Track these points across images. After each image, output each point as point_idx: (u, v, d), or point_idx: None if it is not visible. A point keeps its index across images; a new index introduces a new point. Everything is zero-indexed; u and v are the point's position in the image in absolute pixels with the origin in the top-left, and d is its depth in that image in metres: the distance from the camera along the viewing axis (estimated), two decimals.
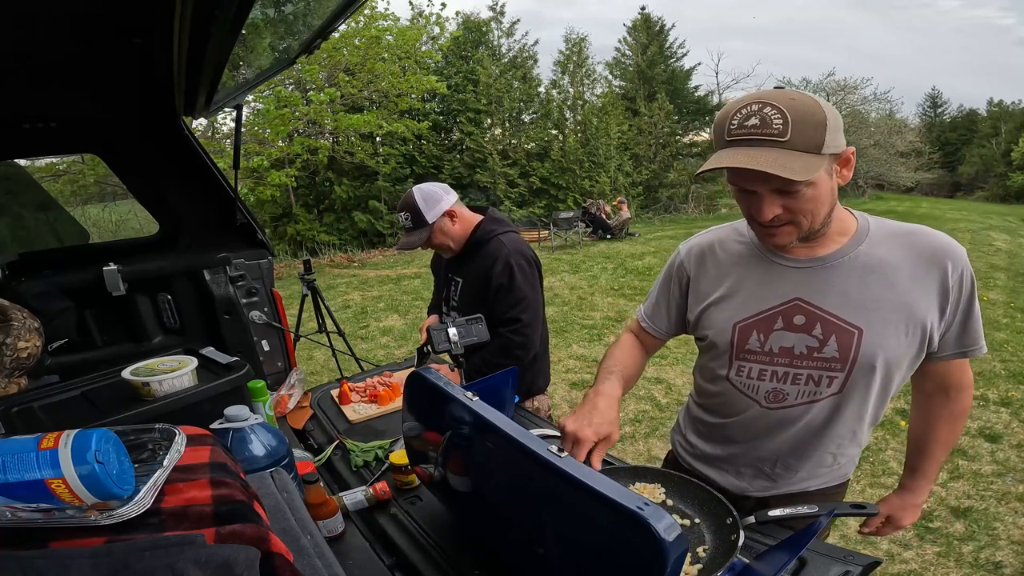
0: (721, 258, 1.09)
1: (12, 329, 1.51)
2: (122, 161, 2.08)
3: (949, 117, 34.48)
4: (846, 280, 0.96)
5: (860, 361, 0.96)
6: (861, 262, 0.96)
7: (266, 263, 2.22)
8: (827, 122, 0.83)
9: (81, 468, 0.54)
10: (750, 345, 1.03)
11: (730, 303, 1.06)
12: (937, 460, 1.11)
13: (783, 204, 0.88)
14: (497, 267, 1.69)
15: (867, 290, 0.95)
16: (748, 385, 1.06)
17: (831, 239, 0.98)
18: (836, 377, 0.98)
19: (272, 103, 9.82)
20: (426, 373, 0.97)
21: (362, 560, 1.02)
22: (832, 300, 0.97)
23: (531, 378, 1.93)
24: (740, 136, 0.85)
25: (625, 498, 0.61)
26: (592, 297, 6.67)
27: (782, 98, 0.83)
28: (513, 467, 0.79)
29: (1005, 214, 16.25)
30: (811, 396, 1.01)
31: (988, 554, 2.24)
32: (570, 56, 16.22)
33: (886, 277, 0.94)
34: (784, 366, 1.01)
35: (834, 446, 1.06)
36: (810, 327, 0.98)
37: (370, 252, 11.81)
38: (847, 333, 0.96)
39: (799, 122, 0.82)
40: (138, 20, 1.03)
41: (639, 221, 14.18)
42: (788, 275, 1.00)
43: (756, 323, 1.03)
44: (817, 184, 0.86)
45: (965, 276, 0.94)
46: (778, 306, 1.00)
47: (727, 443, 1.15)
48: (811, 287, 0.98)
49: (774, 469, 1.10)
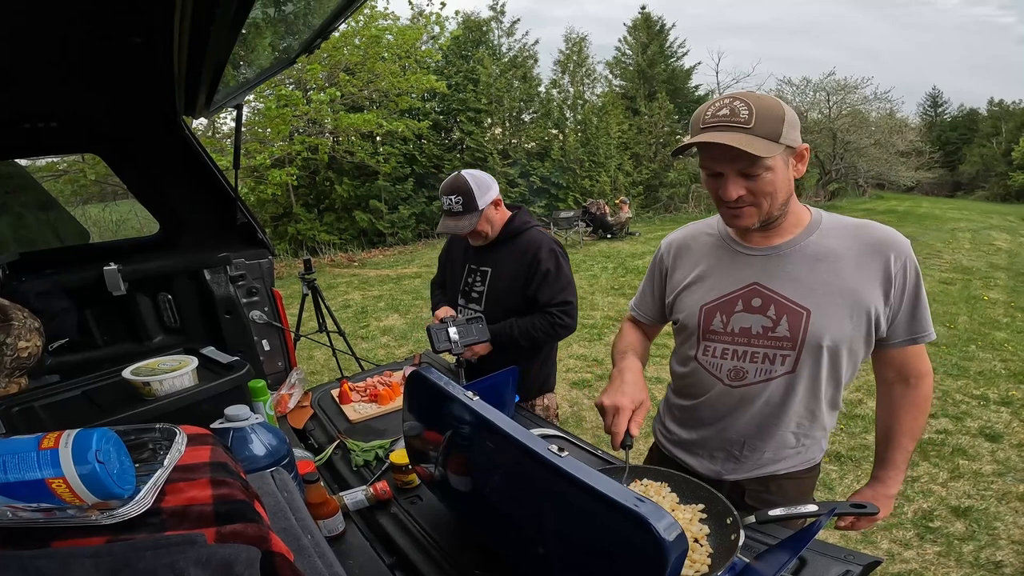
0: (693, 249, 1.23)
1: (12, 329, 1.51)
2: (122, 161, 2.08)
3: (949, 116, 34.47)
4: (797, 266, 1.07)
5: (808, 341, 1.06)
6: (812, 251, 1.07)
7: (266, 263, 2.22)
8: (785, 117, 0.97)
9: (82, 468, 0.54)
10: (714, 326, 1.15)
11: (699, 288, 1.18)
12: (905, 449, 1.17)
13: (746, 186, 1.00)
14: (543, 253, 1.78)
15: (816, 276, 1.06)
16: (713, 364, 1.17)
17: (787, 229, 1.10)
18: (788, 355, 1.08)
19: (273, 102, 9.80)
20: (426, 373, 0.97)
21: (362, 560, 1.02)
22: (784, 284, 1.08)
23: (544, 375, 1.97)
24: (712, 124, 0.98)
25: (625, 498, 0.61)
26: (592, 296, 6.67)
27: (749, 96, 0.98)
28: (513, 467, 0.79)
29: (1006, 213, 16.24)
30: (767, 374, 1.11)
31: (988, 554, 2.25)
32: (570, 56, 16.21)
33: (833, 265, 1.05)
34: (743, 345, 1.12)
35: (794, 425, 1.14)
36: (765, 308, 1.09)
37: (370, 252, 11.81)
38: (796, 314, 1.06)
39: (762, 115, 0.95)
40: (138, 20, 1.03)
41: (639, 220, 14.18)
42: (749, 262, 1.12)
43: (720, 305, 1.14)
44: (775, 171, 0.99)
45: (908, 266, 1.04)
46: (739, 290, 1.12)
47: (699, 426, 1.24)
48: (767, 272, 1.10)
49: (742, 451, 1.19)
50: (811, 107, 19.91)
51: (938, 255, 8.77)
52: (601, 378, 4.20)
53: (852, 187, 21.35)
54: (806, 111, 19.92)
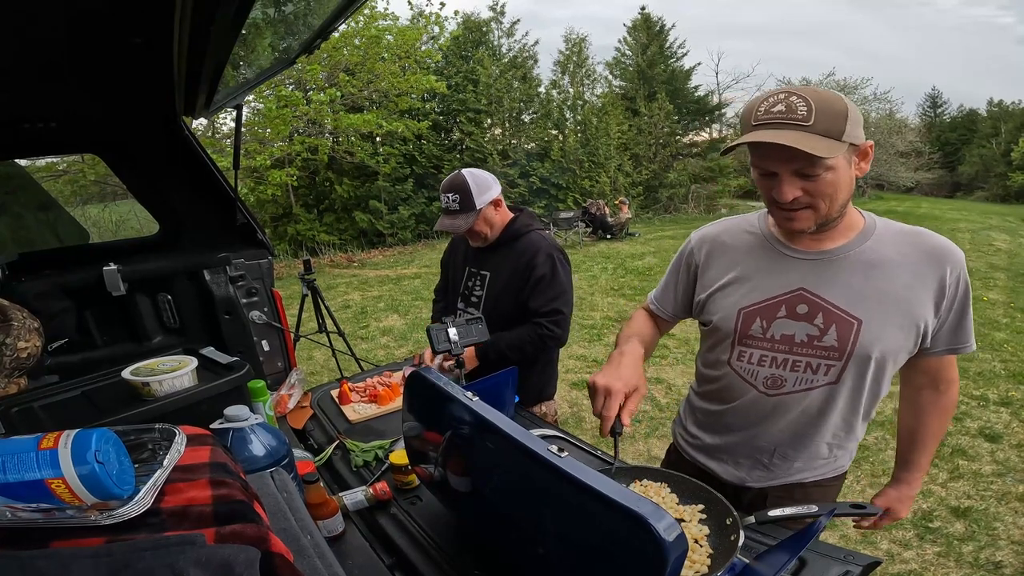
0: (730, 247, 1.15)
1: (12, 329, 1.51)
2: (122, 161, 2.08)
3: (949, 117, 34.48)
4: (850, 273, 1.01)
5: (857, 351, 1.00)
6: (866, 257, 1.01)
7: (266, 263, 2.22)
8: (848, 113, 0.88)
9: (81, 468, 0.54)
10: (752, 331, 1.08)
11: (736, 290, 1.11)
12: (929, 451, 1.16)
13: (803, 187, 0.93)
14: (539, 258, 1.73)
15: (869, 284, 0.99)
16: (748, 370, 1.11)
17: (840, 233, 1.03)
18: (833, 366, 1.03)
19: (273, 103, 9.80)
20: (426, 373, 0.97)
21: (362, 560, 1.02)
22: (835, 292, 1.01)
23: (543, 383, 1.94)
24: (766, 120, 0.90)
25: (625, 498, 0.61)
26: (592, 297, 6.67)
27: (807, 90, 0.90)
28: (513, 467, 0.79)
29: (1005, 214, 16.25)
30: (808, 384, 1.06)
31: (988, 554, 2.25)
32: (570, 56, 16.23)
33: (888, 273, 0.99)
34: (784, 353, 1.06)
35: (830, 435, 1.10)
36: (812, 316, 1.02)
37: (370, 252, 11.81)
38: (847, 324, 1.00)
39: (822, 110, 0.87)
40: (138, 20, 1.03)
41: (639, 221, 14.18)
42: (795, 266, 1.05)
43: (760, 310, 1.07)
44: (837, 170, 0.91)
45: (961, 278, 0.99)
46: (783, 295, 1.05)
47: (726, 432, 1.19)
48: (816, 278, 1.03)
49: (771, 459, 1.14)
50: None
51: None
52: None
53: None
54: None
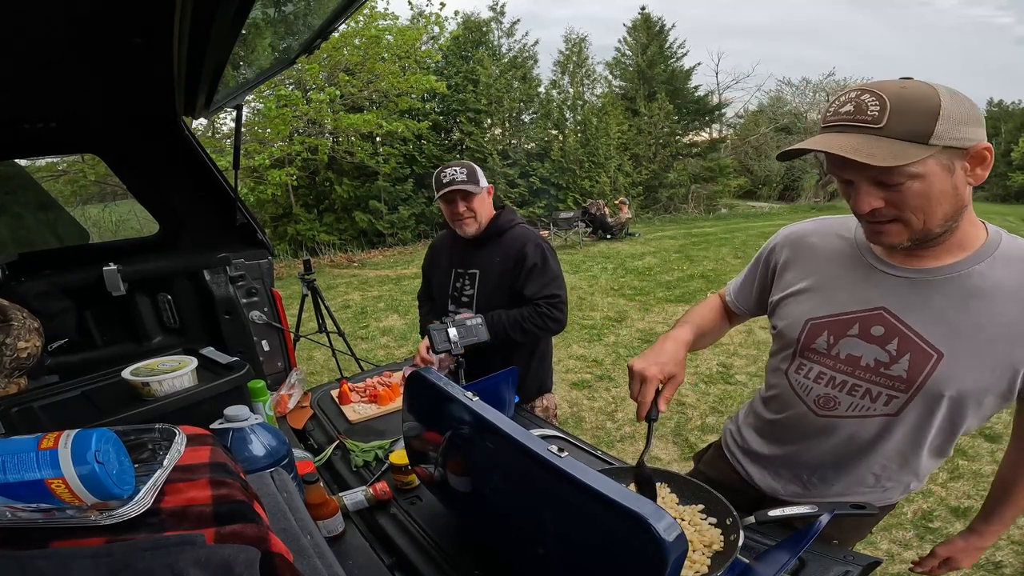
0: (817, 250, 1.04)
1: (12, 329, 1.51)
2: (122, 161, 2.08)
3: None
4: (946, 299, 0.87)
5: (928, 387, 0.89)
6: (972, 283, 0.86)
7: (266, 263, 2.22)
8: (941, 111, 0.75)
9: (81, 468, 0.54)
10: (816, 345, 1.00)
11: (810, 298, 1.02)
12: (1019, 507, 1.03)
13: (884, 197, 0.81)
14: (529, 248, 1.77)
15: (966, 315, 0.86)
16: (802, 385, 1.04)
17: (948, 250, 0.88)
18: (896, 398, 0.93)
19: (272, 103, 9.81)
20: (426, 373, 0.97)
21: (362, 560, 1.02)
22: (921, 318, 0.89)
23: (542, 376, 1.96)
24: (832, 122, 0.82)
25: (625, 498, 0.61)
26: (592, 297, 6.67)
27: (889, 86, 0.78)
28: (513, 467, 0.79)
29: (1005, 214, 16.25)
30: (863, 411, 0.96)
31: (988, 554, 2.24)
32: (570, 56, 16.23)
33: (994, 305, 0.84)
34: (844, 374, 0.97)
35: (878, 467, 1.01)
36: (886, 340, 0.92)
37: (370, 252, 11.81)
38: (924, 355, 0.89)
39: (900, 109, 0.76)
40: (138, 20, 1.03)
41: (639, 221, 14.18)
42: (882, 282, 0.93)
43: (829, 324, 0.98)
44: (928, 178, 0.78)
45: None
46: (859, 311, 0.95)
47: (773, 442, 1.14)
48: (903, 299, 0.91)
49: (811, 478, 1.08)
50: (811, 107, 19.93)
51: None
52: (601, 379, 4.19)
53: None
54: (805, 111, 19.93)
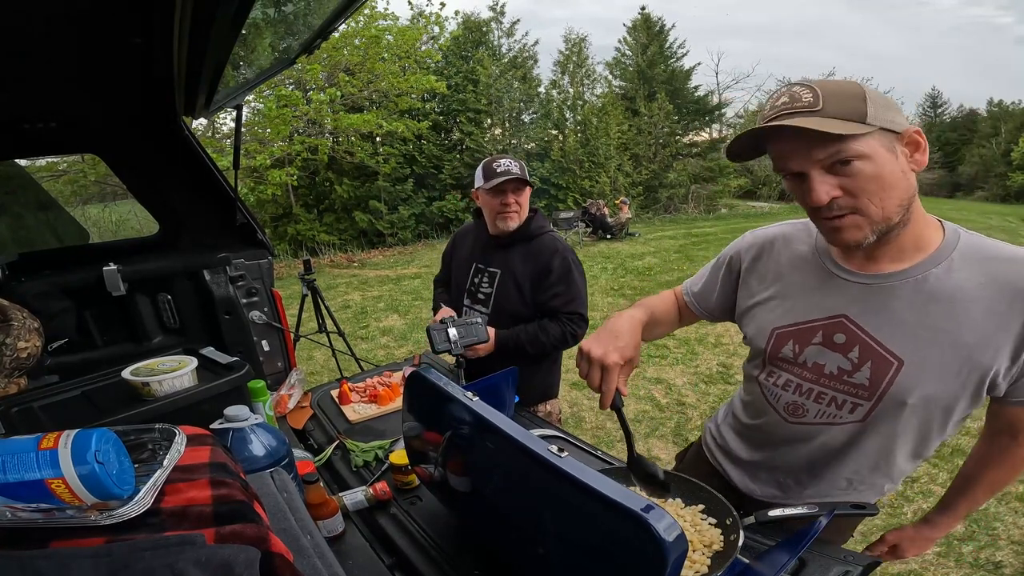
0: (780, 257, 1.04)
1: (12, 329, 1.51)
2: (122, 161, 2.08)
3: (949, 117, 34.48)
4: (904, 305, 0.86)
5: (890, 395, 0.89)
6: (930, 287, 0.85)
7: (266, 263, 2.22)
8: (867, 95, 0.78)
9: (81, 468, 0.54)
10: (783, 353, 1.00)
11: (776, 307, 1.02)
12: (975, 502, 1.03)
13: (839, 184, 0.80)
14: (556, 260, 1.75)
15: (926, 320, 0.85)
16: (772, 392, 1.05)
17: (904, 253, 0.88)
18: (860, 405, 0.93)
19: (272, 103, 9.81)
20: (426, 373, 0.97)
21: (362, 560, 1.02)
22: (880, 325, 0.89)
23: (548, 384, 1.94)
24: (771, 116, 0.82)
25: (625, 498, 0.61)
26: (592, 297, 6.67)
27: (813, 81, 0.81)
28: (513, 467, 0.79)
29: (1005, 214, 16.25)
30: (830, 418, 0.97)
31: (988, 554, 2.25)
32: (570, 56, 16.25)
33: (954, 309, 0.83)
34: (810, 382, 0.97)
35: (850, 472, 1.01)
36: (848, 348, 0.92)
37: (370, 252, 11.82)
38: (885, 363, 0.88)
39: (831, 94, 0.78)
40: (138, 20, 1.03)
41: (639, 221, 14.18)
42: (843, 289, 0.93)
43: (795, 333, 0.98)
44: (875, 159, 0.78)
45: None
46: (822, 320, 0.95)
47: (752, 447, 1.15)
48: (863, 306, 0.90)
49: (786, 480, 1.09)
50: None
51: None
52: None
53: None
54: None
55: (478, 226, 1.93)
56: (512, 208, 1.76)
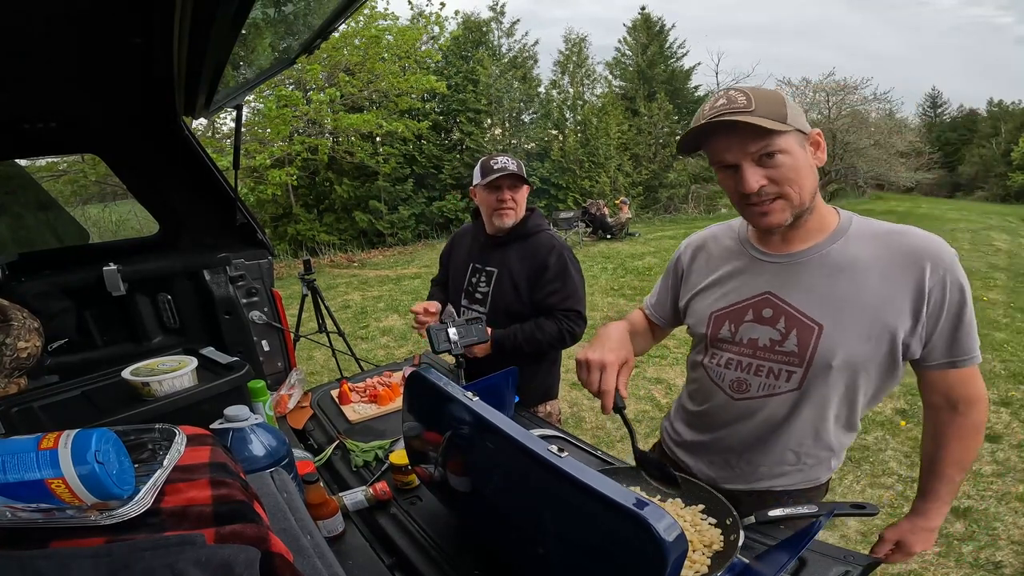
0: (713, 252, 1.18)
1: (12, 329, 1.51)
2: (122, 161, 2.08)
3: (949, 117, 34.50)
4: (814, 277, 1.00)
5: (817, 359, 0.99)
6: (833, 259, 0.99)
7: (266, 263, 2.22)
8: (786, 101, 0.94)
9: (81, 468, 0.54)
10: (722, 334, 1.11)
11: (712, 294, 1.14)
12: (951, 480, 1.05)
13: (767, 174, 0.93)
14: (552, 257, 1.75)
15: (834, 288, 0.98)
16: (717, 373, 1.13)
17: (810, 234, 1.02)
18: (794, 372, 1.02)
19: (272, 103, 9.81)
20: (426, 373, 0.97)
21: (362, 560, 1.02)
22: (798, 296, 1.01)
23: (547, 384, 1.93)
24: (711, 116, 0.93)
25: (625, 498, 0.61)
26: (592, 297, 6.66)
27: (744, 87, 0.95)
28: (513, 467, 0.79)
29: (1005, 214, 16.25)
30: (770, 390, 1.06)
31: (988, 554, 2.24)
32: (570, 56, 16.25)
33: (856, 276, 0.96)
34: (749, 357, 1.07)
35: (795, 443, 1.08)
36: (775, 320, 1.03)
37: (370, 252, 11.82)
38: (807, 329, 0.99)
39: (761, 99, 0.92)
40: (138, 20, 1.03)
41: (639, 221, 14.18)
42: (764, 269, 1.06)
43: (730, 313, 1.10)
44: (792, 154, 0.93)
45: (949, 280, 0.91)
46: (751, 298, 1.07)
47: (702, 431, 1.22)
48: (782, 281, 1.03)
49: (738, 462, 1.15)
50: (811, 107, 19.90)
51: None
52: None
53: (852, 188, 21.33)
54: (806, 111, 19.89)
55: (476, 227, 1.93)
56: (508, 204, 1.76)
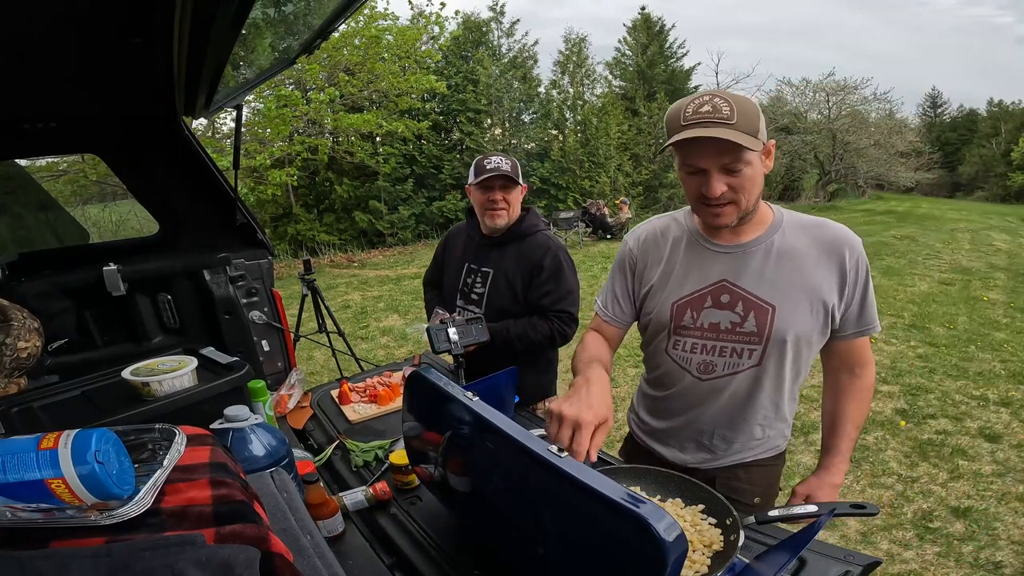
0: (663, 244, 1.24)
1: (12, 329, 1.51)
2: (122, 161, 2.08)
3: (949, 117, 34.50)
4: (764, 263, 1.12)
5: (774, 335, 1.10)
6: (777, 248, 1.11)
7: (266, 263, 2.22)
8: (760, 115, 1.01)
9: (81, 468, 0.54)
10: (685, 321, 1.18)
11: (669, 284, 1.21)
12: (849, 437, 1.21)
13: (728, 182, 1.02)
14: (548, 257, 1.75)
15: (780, 273, 1.10)
16: (683, 358, 1.20)
17: (754, 227, 1.13)
18: (755, 350, 1.13)
19: (272, 103, 9.80)
20: (426, 373, 0.97)
21: (362, 560, 1.02)
22: (751, 281, 1.12)
23: (547, 381, 1.94)
24: (695, 120, 0.98)
25: (625, 498, 0.61)
26: (591, 297, 6.65)
27: (725, 93, 1.00)
28: (513, 467, 0.79)
29: (1005, 214, 16.25)
30: (734, 368, 1.15)
31: (988, 554, 2.25)
32: (569, 56, 16.22)
33: (796, 262, 1.10)
34: (712, 340, 1.16)
35: (760, 417, 1.19)
36: (733, 305, 1.13)
37: (370, 252, 11.81)
38: (763, 310, 1.11)
39: (742, 111, 0.98)
40: (138, 20, 1.03)
41: (639, 221, 14.13)
42: (717, 259, 1.15)
43: (690, 301, 1.17)
44: (753, 165, 1.02)
45: (860, 263, 1.09)
46: (708, 287, 1.16)
47: (670, 416, 1.28)
48: (735, 270, 1.13)
49: (712, 441, 1.23)
50: (811, 108, 19.92)
51: (937, 256, 8.78)
52: None
53: (851, 188, 21.34)
54: (805, 112, 19.92)
55: (470, 225, 1.93)
56: (499, 205, 1.75)
